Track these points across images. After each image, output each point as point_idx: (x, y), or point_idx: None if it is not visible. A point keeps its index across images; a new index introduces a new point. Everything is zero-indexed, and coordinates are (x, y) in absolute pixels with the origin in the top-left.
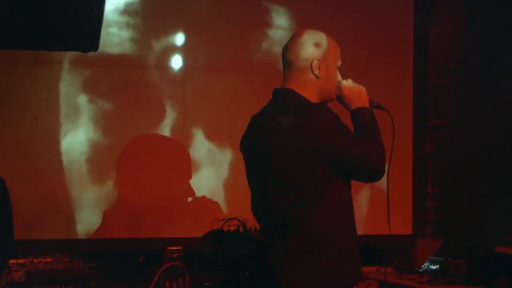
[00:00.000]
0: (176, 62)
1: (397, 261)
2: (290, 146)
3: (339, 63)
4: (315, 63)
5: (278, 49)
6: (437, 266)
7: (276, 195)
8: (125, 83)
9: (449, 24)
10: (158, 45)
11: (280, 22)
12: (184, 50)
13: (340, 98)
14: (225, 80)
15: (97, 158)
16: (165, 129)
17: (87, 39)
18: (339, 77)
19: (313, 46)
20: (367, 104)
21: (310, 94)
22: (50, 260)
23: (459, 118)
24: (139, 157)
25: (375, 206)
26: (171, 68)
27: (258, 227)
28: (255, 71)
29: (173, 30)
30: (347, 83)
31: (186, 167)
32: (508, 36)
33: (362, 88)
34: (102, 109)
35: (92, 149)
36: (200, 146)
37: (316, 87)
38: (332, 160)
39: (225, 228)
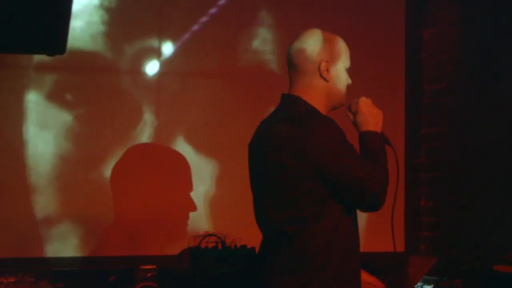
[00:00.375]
0: (151, 66)
1: (387, 281)
2: (287, 159)
3: (349, 64)
4: (323, 65)
5: (262, 53)
6: (431, 286)
7: (271, 208)
8: (95, 89)
9: (445, 25)
10: (131, 48)
11: (265, 24)
12: (160, 54)
13: (355, 114)
14: (204, 86)
15: (65, 170)
16: (139, 139)
17: (53, 41)
18: (349, 80)
19: (320, 47)
20: (379, 130)
21: (318, 100)
22: (13, 280)
23: (456, 125)
24: (109, 169)
25: (366, 223)
26: (145, 74)
27: (238, 244)
28: (237, 76)
29: (147, 33)
30: (367, 100)
31: (162, 180)
32: (509, 37)
33: (380, 112)
34: (71, 117)
35: (60, 160)
36: (176, 155)
37: (325, 91)
38: (329, 178)
39: (203, 245)
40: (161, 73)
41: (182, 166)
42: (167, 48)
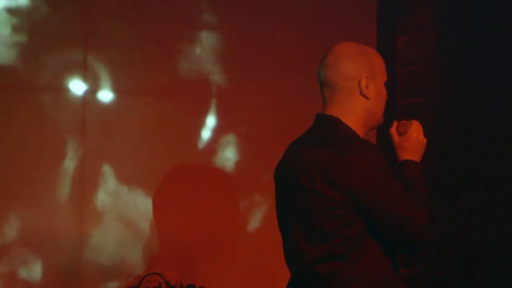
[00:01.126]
0: (75, 83)
1: None
2: (324, 187)
3: (386, 77)
4: (363, 81)
5: (205, 63)
6: None
7: (303, 241)
8: (9, 109)
9: (421, 31)
10: (51, 61)
11: (208, 31)
12: (85, 68)
13: (402, 136)
14: (138, 104)
15: None
16: (61, 166)
17: None
18: (386, 96)
19: (358, 62)
20: (419, 160)
21: (358, 120)
22: None
23: (434, 147)
24: (23, 203)
25: None
26: (68, 91)
27: (184, 283)
28: (176, 92)
29: (70, 44)
30: (420, 126)
31: (96, 213)
32: (495, 46)
33: (426, 142)
34: None
35: None
36: (105, 186)
37: (366, 110)
38: (369, 213)
39: (143, 285)
40: (87, 91)
41: (112, 198)
42: (94, 62)
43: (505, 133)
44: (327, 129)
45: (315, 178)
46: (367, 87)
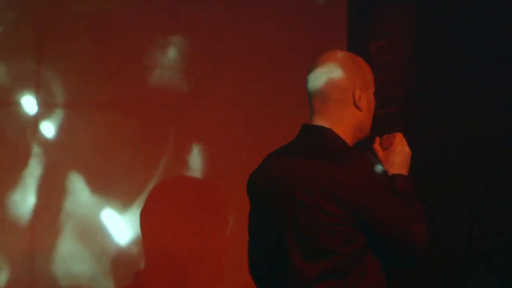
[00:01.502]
0: (27, 96)
1: None
2: (322, 201)
3: (375, 88)
4: (357, 92)
5: (167, 73)
6: None
7: (298, 259)
8: None
9: (395, 37)
10: (2, 74)
11: (169, 39)
12: (38, 80)
13: (386, 151)
14: (94, 119)
15: None
16: (17, 182)
17: None
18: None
19: (351, 72)
20: (406, 172)
21: (349, 133)
22: None
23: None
24: None
25: None
26: (19, 105)
27: None
28: (135, 106)
29: (21, 54)
30: (404, 138)
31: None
32: (471, 51)
33: (410, 153)
34: None
35: None
36: (60, 201)
37: (357, 121)
38: (372, 228)
39: None
40: (40, 104)
41: (69, 217)
42: (48, 73)
43: (487, 135)
44: (319, 141)
45: (315, 193)
46: (360, 98)
